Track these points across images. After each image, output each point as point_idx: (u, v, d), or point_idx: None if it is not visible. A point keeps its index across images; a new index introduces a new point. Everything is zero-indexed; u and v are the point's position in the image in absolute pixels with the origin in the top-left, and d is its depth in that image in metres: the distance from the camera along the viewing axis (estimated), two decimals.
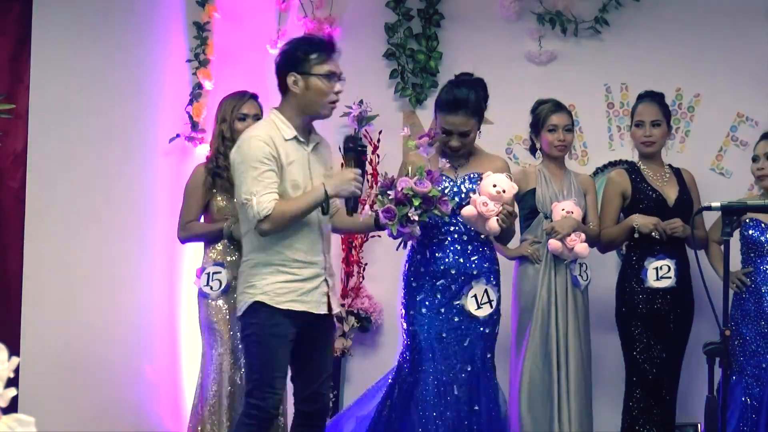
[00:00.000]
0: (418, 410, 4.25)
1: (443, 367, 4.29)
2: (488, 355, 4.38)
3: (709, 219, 4.99)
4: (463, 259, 4.36)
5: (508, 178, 4.34)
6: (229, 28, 5.78)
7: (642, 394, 4.81)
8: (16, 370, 1.79)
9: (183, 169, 5.58)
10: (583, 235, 4.74)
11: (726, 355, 3.26)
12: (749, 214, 4.83)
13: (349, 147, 3.95)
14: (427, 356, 4.32)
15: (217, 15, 5.76)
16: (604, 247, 5.05)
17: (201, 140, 5.70)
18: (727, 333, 3.28)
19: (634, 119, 5.01)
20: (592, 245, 4.84)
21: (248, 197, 3.73)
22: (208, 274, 4.82)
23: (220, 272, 4.78)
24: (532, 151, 5.06)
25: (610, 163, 5.58)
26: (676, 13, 5.59)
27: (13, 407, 1.76)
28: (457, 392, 4.26)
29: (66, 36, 5.79)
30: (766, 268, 4.84)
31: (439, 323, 4.33)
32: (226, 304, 4.78)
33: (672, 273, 4.83)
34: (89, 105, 5.76)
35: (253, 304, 3.79)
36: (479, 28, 5.73)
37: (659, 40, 5.60)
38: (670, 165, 5.07)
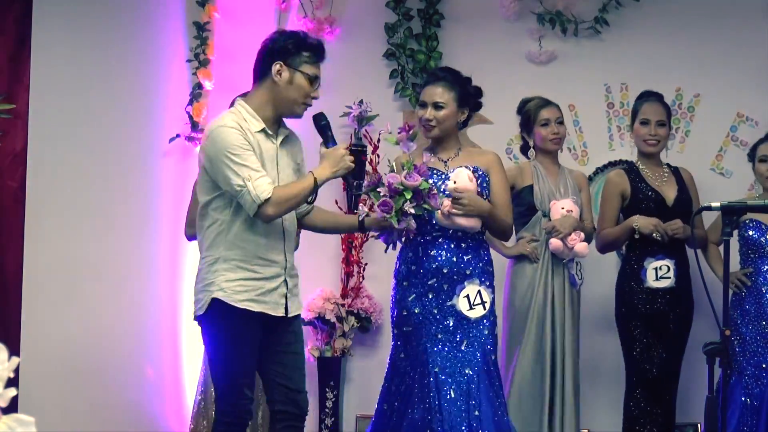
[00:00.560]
0: (416, 412, 4.18)
1: (437, 370, 4.16)
2: (492, 358, 4.24)
3: (708, 219, 4.99)
4: (456, 258, 4.24)
5: (497, 173, 4.32)
6: (229, 28, 5.78)
7: (642, 394, 4.80)
8: (16, 370, 1.78)
9: (183, 169, 5.58)
10: (582, 234, 4.73)
11: (726, 355, 3.26)
12: (749, 215, 4.82)
13: (321, 124, 3.73)
14: (423, 358, 4.19)
15: (217, 15, 5.76)
16: (604, 248, 5.04)
17: (201, 140, 5.70)
18: (727, 333, 3.27)
19: (639, 117, 4.97)
20: (588, 242, 4.84)
21: (242, 183, 3.50)
22: None
23: None
24: (525, 150, 5.04)
25: (610, 163, 5.58)
26: (676, 13, 5.59)
27: (13, 407, 1.76)
28: (454, 395, 4.13)
29: (66, 36, 5.80)
30: (767, 268, 4.85)
31: (434, 324, 4.22)
32: None
33: (671, 273, 4.82)
34: (89, 105, 5.76)
35: (212, 303, 3.57)
36: (479, 28, 5.73)
37: (659, 40, 5.60)
38: (668, 164, 5.06)
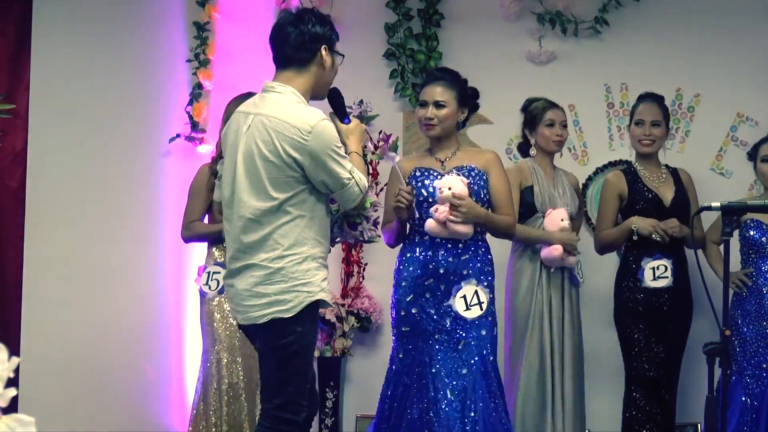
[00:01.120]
0: (414, 413, 4.18)
1: (434, 370, 4.15)
2: (490, 359, 4.22)
3: (708, 219, 4.99)
4: (453, 259, 4.24)
5: (496, 171, 4.34)
6: (229, 28, 5.79)
7: (641, 393, 4.79)
8: (16, 370, 1.78)
9: (183, 169, 5.58)
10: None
11: (726, 355, 3.26)
12: (749, 215, 4.82)
13: (340, 101, 3.68)
14: (421, 358, 4.20)
15: (217, 15, 5.76)
16: (603, 249, 5.05)
17: (201, 140, 5.71)
18: (727, 333, 3.27)
19: (634, 118, 5.00)
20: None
21: (349, 176, 3.43)
22: (209, 273, 4.84)
23: (220, 272, 4.78)
24: (524, 149, 5.03)
25: (610, 163, 5.58)
26: (676, 13, 5.59)
27: (13, 407, 1.76)
28: (450, 396, 4.12)
29: (66, 36, 5.80)
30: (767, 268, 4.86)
31: (431, 325, 4.21)
32: (225, 303, 4.78)
33: (669, 273, 4.82)
34: (89, 105, 5.77)
35: (312, 304, 3.40)
36: (479, 28, 5.72)
37: (659, 40, 5.60)
38: (666, 165, 5.06)
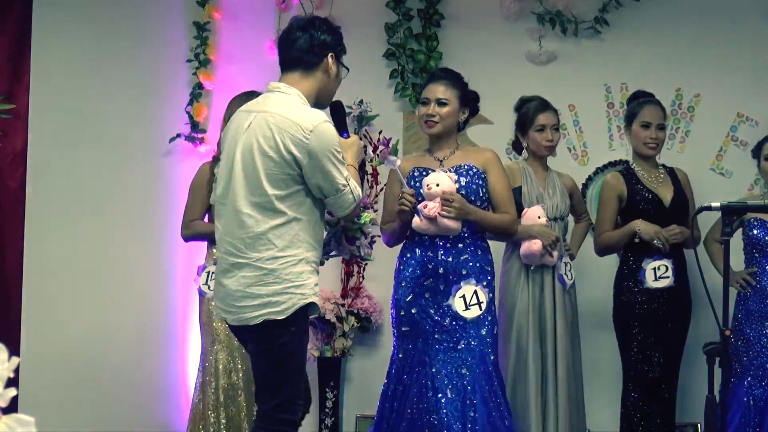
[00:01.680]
0: (414, 413, 4.18)
1: (434, 370, 4.16)
2: (490, 358, 4.24)
3: (708, 219, 4.98)
4: (452, 258, 4.25)
5: (496, 170, 4.34)
6: (229, 28, 5.79)
7: (640, 394, 4.78)
8: (16, 370, 1.78)
9: (183, 169, 5.58)
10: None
11: (726, 355, 3.26)
12: (752, 214, 4.82)
13: (341, 114, 3.72)
14: (421, 358, 4.21)
15: (217, 15, 5.76)
16: (603, 251, 5.03)
17: (201, 140, 5.71)
18: (727, 333, 3.27)
19: (639, 120, 4.93)
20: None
21: (345, 183, 3.46)
22: (208, 272, 4.83)
23: None
24: (517, 149, 5.03)
25: (610, 163, 5.58)
26: (676, 13, 5.59)
27: (13, 407, 1.76)
28: (450, 395, 4.13)
29: (66, 36, 5.81)
30: None
31: (431, 324, 4.22)
32: None
33: (670, 273, 4.81)
34: (89, 105, 5.77)
35: (304, 307, 3.42)
36: (479, 28, 5.72)
37: (659, 40, 5.60)
38: (663, 165, 5.06)
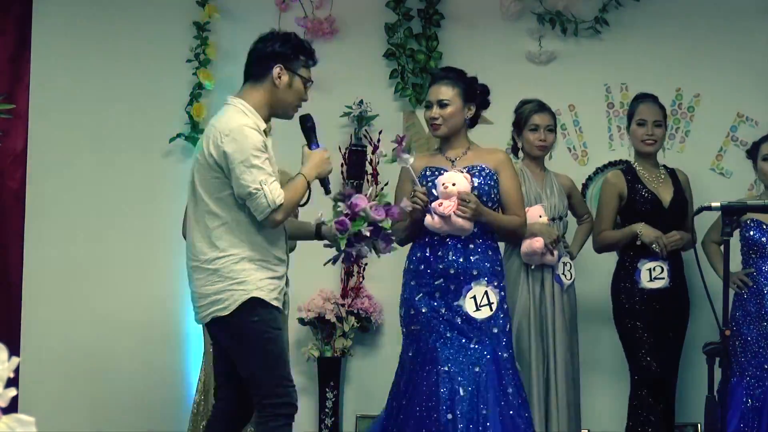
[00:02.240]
0: (423, 410, 4.19)
1: (445, 368, 4.17)
2: (504, 356, 4.23)
3: (709, 219, 4.98)
4: (463, 259, 4.25)
5: (508, 171, 4.34)
6: (229, 28, 5.79)
7: (648, 392, 4.78)
8: (16, 370, 1.78)
9: (183, 169, 5.58)
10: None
11: (726, 356, 3.26)
12: (749, 215, 4.82)
13: (308, 126, 3.85)
14: (431, 356, 4.22)
15: (217, 15, 5.76)
16: (602, 249, 5.04)
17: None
18: (727, 333, 3.28)
19: (636, 118, 4.98)
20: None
21: (258, 186, 3.58)
22: None
23: None
24: (514, 150, 5.04)
25: (610, 163, 5.57)
26: (676, 13, 5.59)
27: (13, 407, 1.76)
28: (462, 393, 4.14)
29: (66, 36, 5.80)
30: None
31: (442, 323, 4.23)
32: None
33: (665, 274, 4.82)
34: (89, 105, 5.77)
35: (249, 301, 3.64)
36: (479, 28, 5.72)
37: (659, 40, 5.60)
38: (664, 166, 5.06)
